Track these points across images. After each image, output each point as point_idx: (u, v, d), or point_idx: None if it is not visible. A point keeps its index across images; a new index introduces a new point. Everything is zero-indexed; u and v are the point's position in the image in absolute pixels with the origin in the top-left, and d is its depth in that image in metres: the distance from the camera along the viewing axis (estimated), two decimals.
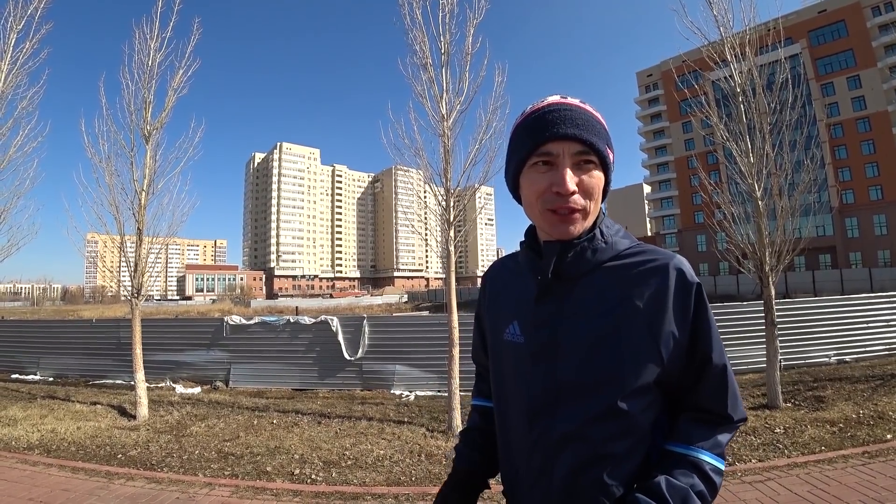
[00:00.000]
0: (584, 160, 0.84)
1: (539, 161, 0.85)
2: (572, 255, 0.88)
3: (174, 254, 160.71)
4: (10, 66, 6.95)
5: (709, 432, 0.87)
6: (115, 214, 6.29)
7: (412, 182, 8.01)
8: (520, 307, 0.96)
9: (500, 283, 1.08)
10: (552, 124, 0.84)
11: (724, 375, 0.88)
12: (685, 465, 0.84)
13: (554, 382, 0.87)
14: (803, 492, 3.38)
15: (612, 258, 0.89)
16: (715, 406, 0.88)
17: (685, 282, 0.85)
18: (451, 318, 5.21)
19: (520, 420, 0.91)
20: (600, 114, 0.90)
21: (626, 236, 0.94)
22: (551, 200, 0.84)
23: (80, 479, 4.02)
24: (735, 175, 6.26)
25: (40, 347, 10.41)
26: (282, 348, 8.74)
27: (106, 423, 5.96)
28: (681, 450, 0.86)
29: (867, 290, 27.08)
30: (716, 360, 0.87)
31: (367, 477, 3.97)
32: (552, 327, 0.89)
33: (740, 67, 6.25)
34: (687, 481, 0.81)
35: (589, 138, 0.83)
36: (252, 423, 5.80)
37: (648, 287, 0.85)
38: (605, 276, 0.88)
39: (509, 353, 0.96)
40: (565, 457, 0.85)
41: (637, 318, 0.84)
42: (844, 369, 7.53)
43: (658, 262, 0.87)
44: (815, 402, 5.75)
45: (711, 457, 0.85)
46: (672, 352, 0.84)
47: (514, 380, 0.94)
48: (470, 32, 5.30)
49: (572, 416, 0.85)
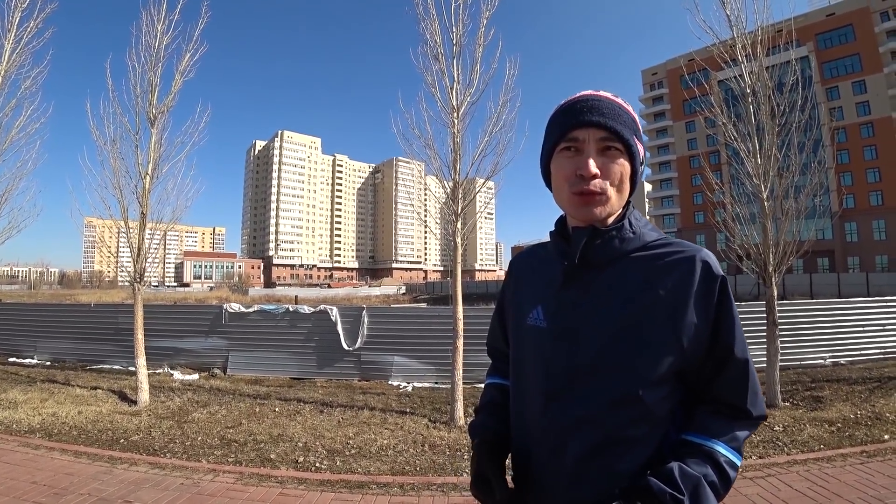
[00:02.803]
0: (608, 146, 0.87)
1: (566, 147, 0.89)
2: (600, 242, 0.91)
3: (172, 240, 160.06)
4: (14, 46, 6.88)
5: (727, 426, 0.87)
6: (118, 198, 6.25)
7: (414, 173, 7.99)
8: (545, 293, 0.98)
9: (528, 270, 1.10)
10: (579, 112, 0.88)
11: (746, 370, 0.88)
12: (700, 454, 0.84)
13: (573, 364, 0.88)
14: (803, 488, 3.42)
15: (640, 248, 0.91)
16: (735, 400, 0.88)
17: (710, 274, 0.86)
18: (456, 309, 5.21)
19: (537, 400, 0.93)
20: (631, 107, 0.93)
21: (654, 229, 0.96)
22: (576, 183, 0.87)
23: (83, 464, 4.01)
24: (742, 175, 6.25)
25: (38, 331, 10.36)
26: (280, 337, 8.74)
27: (107, 407, 5.96)
28: (697, 440, 0.86)
29: (864, 294, 27.17)
30: (738, 353, 0.87)
31: (372, 466, 3.98)
32: (575, 312, 0.91)
33: (751, 67, 6.22)
34: (700, 470, 0.82)
35: (613, 126, 0.86)
36: (254, 410, 5.81)
37: (673, 278, 0.86)
38: (631, 266, 0.90)
39: (531, 337, 0.98)
40: (578, 439, 0.86)
41: (660, 308, 0.85)
42: (842, 371, 7.59)
43: (684, 254, 0.88)
44: (813, 402, 5.80)
45: (727, 450, 0.85)
46: (693, 343, 0.85)
47: (534, 361, 0.95)
48: (483, 23, 5.24)
49: (588, 399, 0.86)
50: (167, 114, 6.54)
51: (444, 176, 5.30)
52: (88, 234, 54.46)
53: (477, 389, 6.95)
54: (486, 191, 6.17)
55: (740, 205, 6.52)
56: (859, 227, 47.56)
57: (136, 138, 6.35)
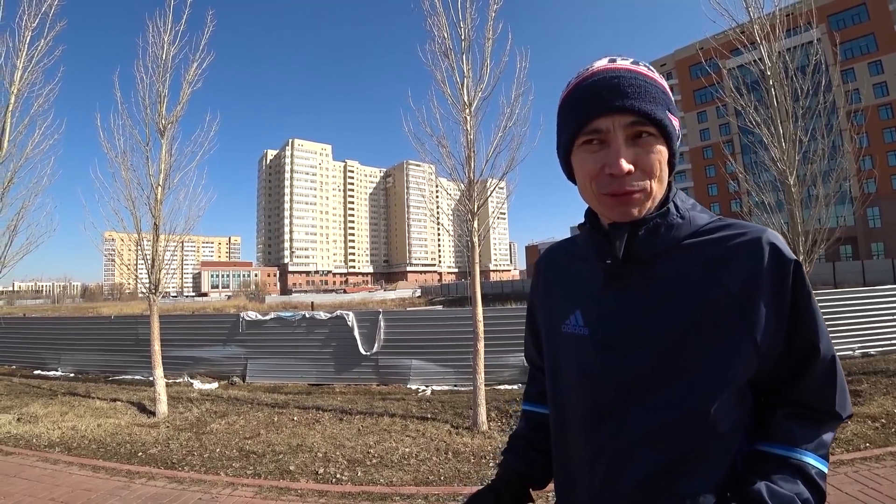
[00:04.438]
0: (640, 132, 0.72)
1: (590, 140, 0.73)
2: (644, 233, 0.76)
3: (190, 251, 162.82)
4: (26, 64, 6.93)
5: (813, 432, 0.74)
6: (131, 210, 6.25)
7: (426, 174, 7.90)
8: (583, 295, 0.84)
9: (559, 269, 0.95)
10: (598, 96, 0.72)
11: (833, 367, 0.75)
12: (787, 469, 0.71)
13: (624, 379, 0.75)
14: (854, 491, 3.20)
15: (691, 235, 0.77)
16: (822, 403, 0.75)
17: (781, 259, 0.72)
18: (475, 311, 5.06)
19: (583, 423, 0.79)
20: (658, 74, 0.76)
21: (704, 210, 0.82)
22: (606, 184, 0.72)
23: (102, 479, 3.96)
24: (766, 161, 6.02)
25: (61, 344, 10.57)
26: (298, 343, 8.73)
27: (126, 420, 5.94)
28: (781, 451, 0.73)
29: (890, 281, 26.34)
30: (823, 349, 0.73)
31: (395, 476, 3.85)
32: (623, 316, 0.77)
33: (770, 49, 5.99)
34: (791, 488, 0.68)
35: (642, 107, 0.70)
36: (272, 419, 5.74)
37: (738, 266, 0.72)
38: (684, 256, 0.76)
39: (570, 348, 0.84)
40: (636, 465, 0.73)
41: (726, 303, 0.71)
42: (878, 363, 7.27)
43: (748, 237, 0.73)
44: (852, 397, 5.49)
45: (816, 459, 0.72)
46: (769, 343, 0.71)
47: (577, 377, 0.81)
48: (491, 17, 5.14)
49: (646, 419, 0.73)
50: (177, 124, 6.55)
51: (458, 174, 5.18)
52: (107, 248, 55.43)
53: (497, 392, 6.81)
54: (500, 190, 6.03)
55: (764, 192, 6.30)
56: (882, 211, 46.10)
57: (147, 149, 6.37)
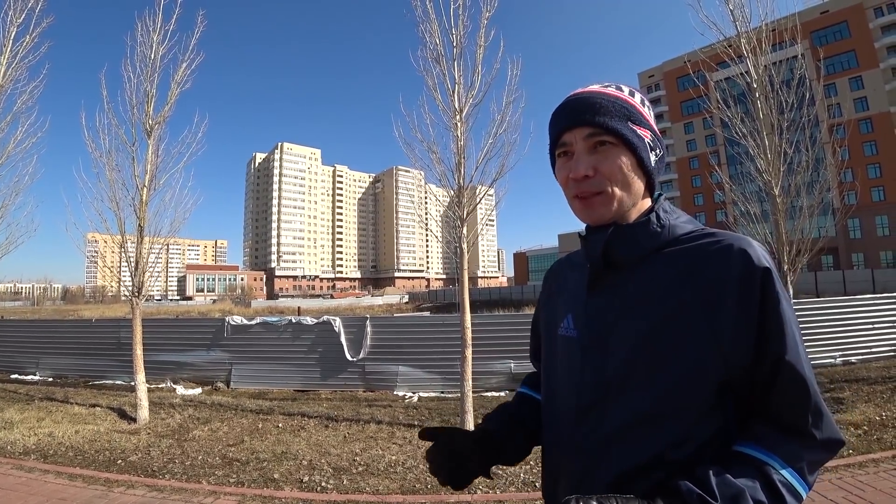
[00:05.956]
0: (598, 142, 0.81)
1: (561, 152, 0.86)
2: (619, 238, 0.82)
3: (175, 254, 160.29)
4: (10, 60, 6.81)
5: (788, 443, 0.70)
6: (115, 211, 6.13)
7: (415, 180, 7.89)
8: (574, 300, 0.91)
9: (561, 278, 1.03)
10: (563, 115, 0.85)
11: (803, 383, 0.71)
12: (749, 466, 0.69)
13: (603, 378, 0.80)
14: (838, 498, 3.23)
15: (671, 243, 0.81)
16: (793, 420, 0.71)
17: (750, 265, 0.72)
18: (463, 318, 5.04)
19: (567, 418, 0.85)
20: (629, 93, 0.86)
21: (690, 221, 0.86)
22: (572, 188, 0.84)
23: (78, 487, 3.85)
24: (752, 172, 6.15)
25: (40, 347, 10.29)
26: (284, 349, 8.63)
27: (105, 426, 5.79)
28: (748, 451, 0.71)
29: (870, 290, 26.89)
30: (792, 362, 0.70)
31: (381, 484, 3.80)
32: (603, 319, 0.83)
33: (756, 62, 6.13)
34: (745, 483, 0.66)
35: (598, 120, 0.81)
36: (257, 426, 5.64)
37: (708, 273, 0.74)
38: (661, 264, 0.80)
39: (563, 350, 0.90)
40: (609, 461, 0.76)
41: (693, 309, 0.73)
42: (859, 370, 7.40)
43: (720, 244, 0.76)
44: (834, 404, 5.60)
45: (786, 469, 0.68)
46: (736, 350, 0.71)
47: (565, 376, 0.88)
48: (483, 24, 5.16)
49: (619, 417, 0.77)
50: (164, 124, 6.44)
51: (448, 180, 5.17)
52: (89, 249, 54.68)
53: (484, 399, 6.78)
54: (489, 197, 6.04)
55: (750, 203, 6.42)
56: (862, 223, 47.23)
57: (133, 150, 6.26)
